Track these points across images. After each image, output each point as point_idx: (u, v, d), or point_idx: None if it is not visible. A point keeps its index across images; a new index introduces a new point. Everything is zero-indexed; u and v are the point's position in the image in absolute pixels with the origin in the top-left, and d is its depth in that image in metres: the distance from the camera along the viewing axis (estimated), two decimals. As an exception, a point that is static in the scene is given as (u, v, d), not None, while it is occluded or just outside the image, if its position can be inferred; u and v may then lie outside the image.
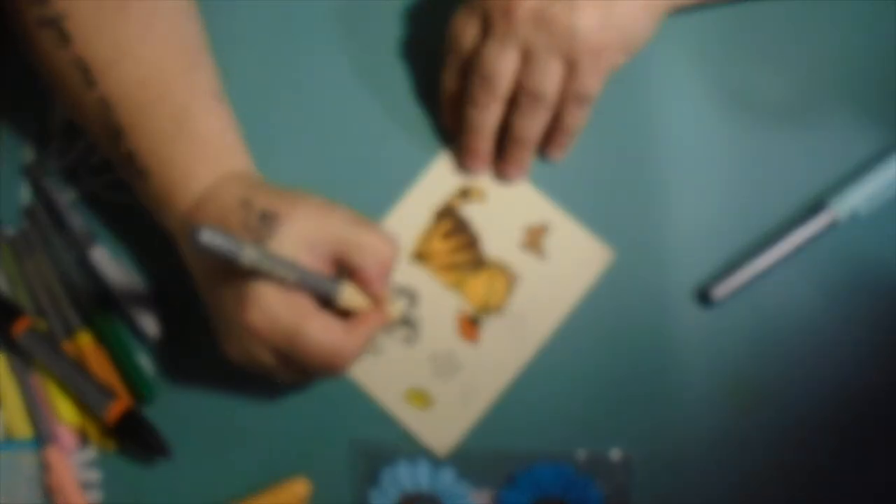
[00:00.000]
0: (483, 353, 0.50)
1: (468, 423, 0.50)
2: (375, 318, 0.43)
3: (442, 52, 0.49)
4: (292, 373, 0.44)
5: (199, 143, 0.44)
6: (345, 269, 0.43)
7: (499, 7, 0.45)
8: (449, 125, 0.51)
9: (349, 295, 0.42)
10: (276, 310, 0.40)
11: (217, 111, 0.46)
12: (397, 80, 0.53)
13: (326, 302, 0.42)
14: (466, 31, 0.47)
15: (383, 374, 0.50)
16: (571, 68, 0.45)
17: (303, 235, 0.41)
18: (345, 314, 0.43)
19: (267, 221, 0.41)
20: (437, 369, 0.50)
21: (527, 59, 0.45)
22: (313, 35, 0.53)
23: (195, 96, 0.45)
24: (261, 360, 0.42)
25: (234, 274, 0.39)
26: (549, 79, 0.45)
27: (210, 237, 0.36)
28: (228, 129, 0.46)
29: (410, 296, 0.51)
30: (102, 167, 0.54)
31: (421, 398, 0.50)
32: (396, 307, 0.45)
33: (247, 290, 0.40)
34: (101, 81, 0.44)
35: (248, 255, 0.37)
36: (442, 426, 0.50)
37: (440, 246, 0.51)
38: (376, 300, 0.43)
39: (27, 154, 0.55)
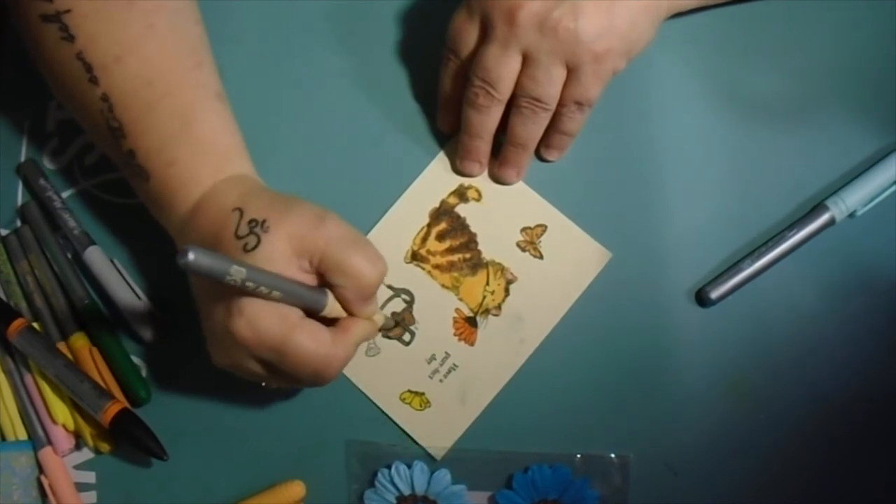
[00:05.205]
0: (480, 354, 0.50)
1: (465, 425, 0.50)
2: (361, 325, 0.43)
3: (439, 52, 0.49)
4: (278, 381, 0.44)
5: (202, 145, 0.44)
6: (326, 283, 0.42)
7: (500, 10, 0.44)
8: (445, 127, 0.51)
9: (333, 306, 0.42)
10: (262, 322, 0.39)
11: (220, 112, 0.45)
12: (395, 81, 0.53)
13: (312, 311, 0.41)
14: (466, 33, 0.46)
15: (380, 376, 0.50)
16: (573, 73, 0.45)
17: (289, 245, 0.40)
18: (331, 321, 0.42)
19: (255, 229, 0.40)
20: (434, 371, 0.50)
21: (528, 63, 0.45)
22: (311, 35, 0.53)
23: (199, 96, 0.45)
24: (246, 367, 0.42)
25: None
26: (551, 84, 0.45)
27: (196, 258, 0.35)
28: (230, 131, 0.45)
29: (407, 296, 0.51)
30: (97, 167, 0.54)
31: (418, 400, 0.50)
32: (379, 317, 0.45)
33: (235, 299, 0.40)
34: (103, 79, 0.43)
35: (234, 275, 0.37)
36: (439, 428, 0.50)
37: (437, 246, 0.51)
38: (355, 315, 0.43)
39: (22, 154, 0.54)
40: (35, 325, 0.51)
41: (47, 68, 0.46)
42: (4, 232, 0.54)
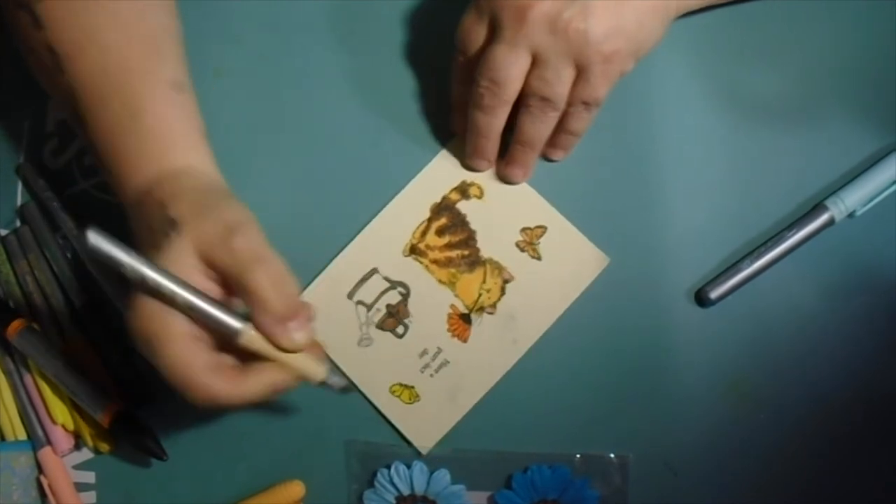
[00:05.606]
0: (472, 352, 0.50)
1: (453, 422, 0.49)
2: (267, 371, 0.39)
3: (439, 52, 0.49)
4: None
5: (146, 136, 0.42)
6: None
7: (510, 10, 0.44)
8: (457, 128, 0.51)
9: (251, 336, 0.38)
10: (144, 322, 0.38)
11: (172, 102, 0.43)
12: (395, 81, 0.52)
13: (226, 337, 0.38)
14: (475, 33, 0.46)
15: (371, 367, 0.50)
16: (581, 74, 0.45)
17: (195, 253, 0.38)
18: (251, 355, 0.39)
19: (168, 229, 0.39)
20: (426, 365, 0.50)
21: (537, 63, 0.44)
22: (311, 35, 0.53)
23: (151, 85, 0.43)
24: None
25: None
26: (561, 84, 0.45)
27: (93, 242, 0.34)
28: (182, 121, 0.43)
29: (403, 289, 0.51)
30: (97, 167, 0.53)
31: (407, 393, 0.50)
32: (319, 371, 0.41)
33: (138, 294, 0.38)
34: (68, 68, 0.43)
35: (131, 269, 0.35)
36: (426, 423, 0.49)
37: (436, 241, 0.51)
38: (279, 348, 0.39)
39: (21, 154, 0.55)
40: (35, 325, 0.51)
41: (27, 57, 0.45)
42: (4, 232, 0.54)
